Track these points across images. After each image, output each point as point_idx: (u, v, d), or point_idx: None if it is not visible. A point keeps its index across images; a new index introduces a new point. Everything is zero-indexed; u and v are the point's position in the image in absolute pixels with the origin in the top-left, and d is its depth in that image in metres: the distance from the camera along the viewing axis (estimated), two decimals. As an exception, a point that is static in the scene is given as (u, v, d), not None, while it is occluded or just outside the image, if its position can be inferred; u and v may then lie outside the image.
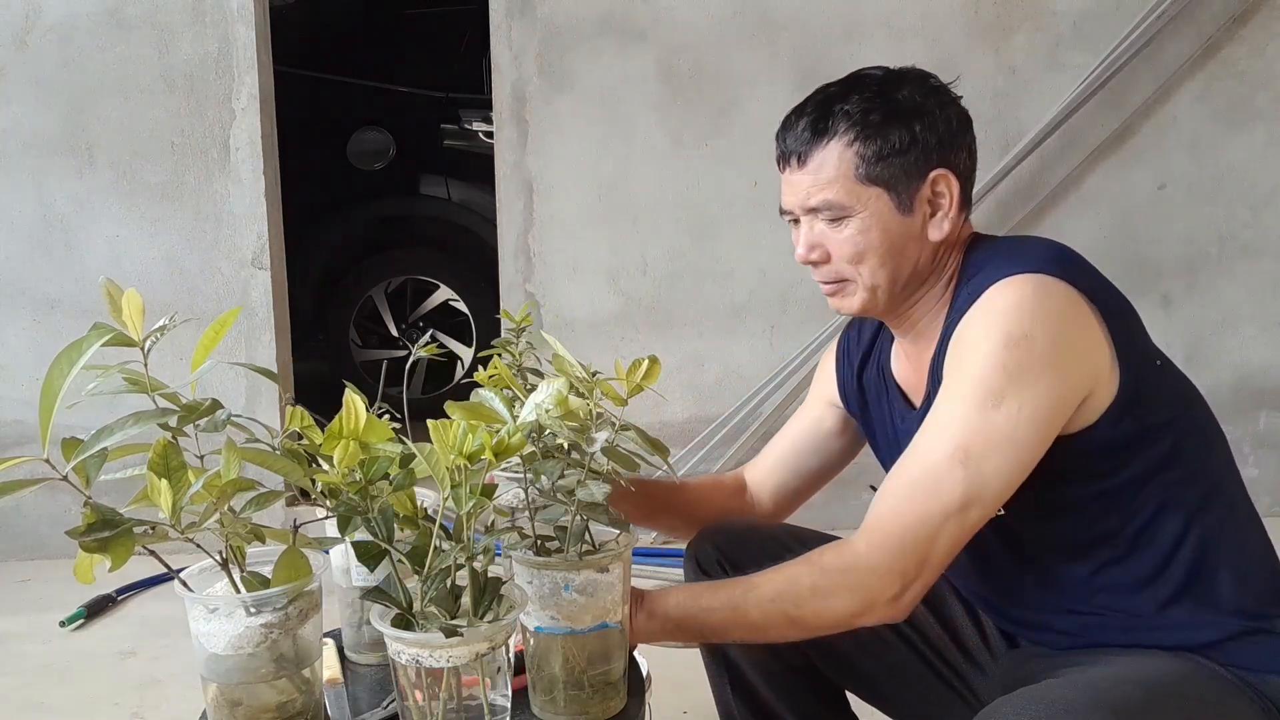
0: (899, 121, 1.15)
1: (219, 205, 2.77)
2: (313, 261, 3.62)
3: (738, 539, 1.35)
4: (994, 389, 1.06)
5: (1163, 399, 1.14)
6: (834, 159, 1.15)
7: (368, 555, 0.91)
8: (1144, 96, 2.82)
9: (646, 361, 1.03)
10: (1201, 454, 1.16)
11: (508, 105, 2.81)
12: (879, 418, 1.33)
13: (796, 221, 1.21)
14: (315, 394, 2.34)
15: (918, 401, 1.25)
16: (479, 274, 3.59)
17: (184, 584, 0.94)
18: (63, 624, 2.39)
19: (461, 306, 3.74)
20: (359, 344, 3.78)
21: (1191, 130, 2.86)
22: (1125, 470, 1.10)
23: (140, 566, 0.85)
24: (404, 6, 4.16)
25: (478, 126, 3.70)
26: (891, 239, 1.16)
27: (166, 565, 0.91)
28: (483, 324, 3.66)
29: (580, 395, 1.00)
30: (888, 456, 1.32)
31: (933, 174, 1.16)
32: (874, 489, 1.14)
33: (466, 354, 3.76)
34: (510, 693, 0.97)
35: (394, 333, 3.80)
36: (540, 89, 2.80)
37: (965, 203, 1.19)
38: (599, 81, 2.80)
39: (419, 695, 0.92)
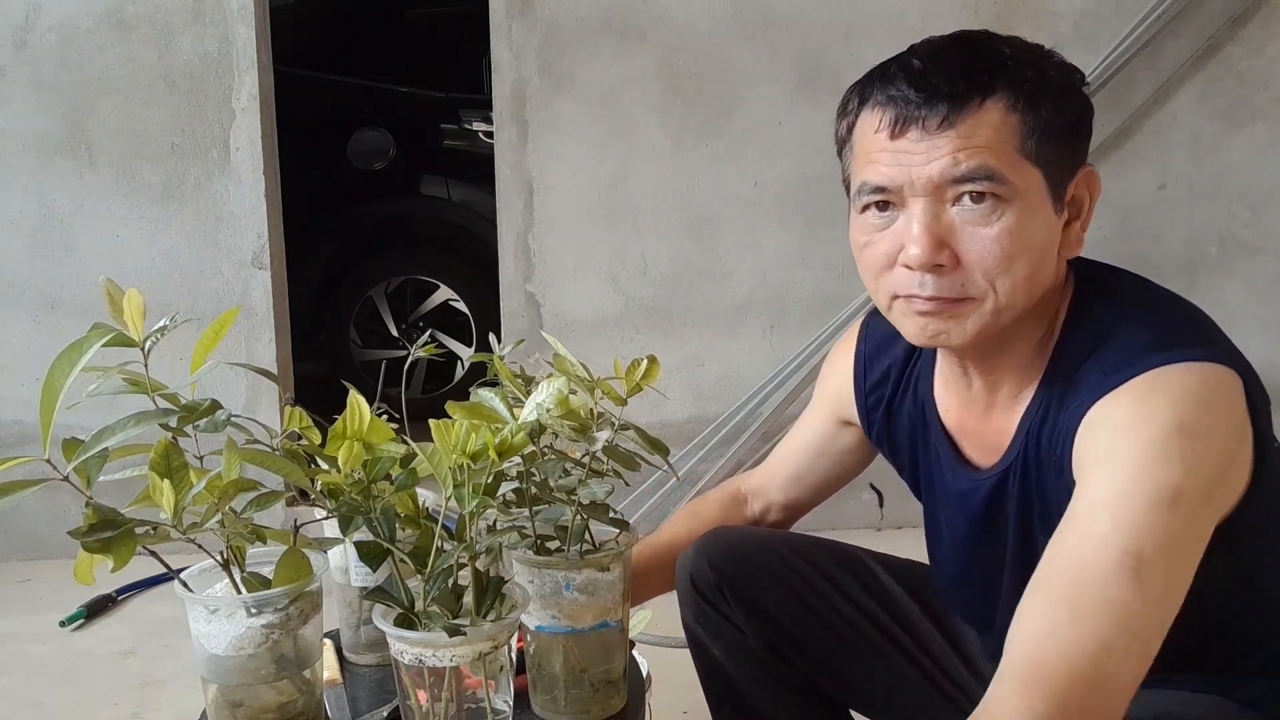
0: (1058, 94, 0.91)
1: (219, 205, 2.77)
2: (313, 261, 3.62)
3: (736, 556, 1.23)
4: (1170, 484, 0.83)
5: (1266, 494, 0.94)
6: (993, 122, 0.88)
7: (370, 555, 0.91)
8: (1144, 96, 2.82)
9: (646, 361, 1.02)
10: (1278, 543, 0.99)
11: (508, 105, 2.81)
12: (911, 454, 1.16)
13: (883, 206, 0.94)
14: (315, 394, 2.34)
15: (982, 460, 1.05)
16: (479, 274, 3.59)
17: (184, 584, 0.94)
18: (63, 624, 2.39)
19: (461, 306, 3.74)
20: (359, 344, 3.78)
21: (1191, 130, 2.86)
22: (1206, 572, 0.88)
23: (140, 567, 0.85)
24: (404, 6, 4.16)
25: (478, 126, 3.70)
26: (1042, 244, 0.91)
27: (167, 566, 0.91)
28: (483, 324, 3.65)
29: (578, 394, 1.00)
30: (928, 504, 1.18)
31: (1083, 170, 0.94)
32: (874, 488, 1.10)
33: (466, 354, 3.76)
34: (513, 692, 0.97)
35: (394, 333, 3.80)
36: (540, 89, 2.80)
37: None
38: (599, 81, 2.80)
39: (422, 695, 0.92)
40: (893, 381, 1.15)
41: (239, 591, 0.93)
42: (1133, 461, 0.85)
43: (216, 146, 2.75)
